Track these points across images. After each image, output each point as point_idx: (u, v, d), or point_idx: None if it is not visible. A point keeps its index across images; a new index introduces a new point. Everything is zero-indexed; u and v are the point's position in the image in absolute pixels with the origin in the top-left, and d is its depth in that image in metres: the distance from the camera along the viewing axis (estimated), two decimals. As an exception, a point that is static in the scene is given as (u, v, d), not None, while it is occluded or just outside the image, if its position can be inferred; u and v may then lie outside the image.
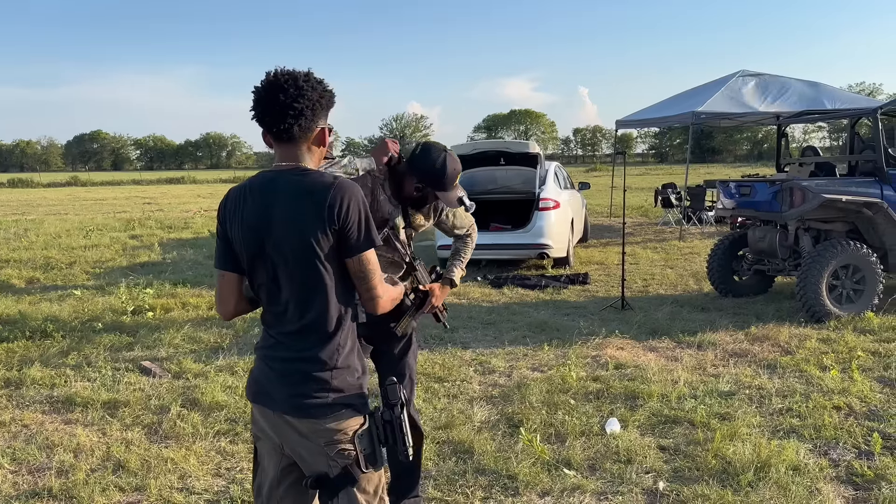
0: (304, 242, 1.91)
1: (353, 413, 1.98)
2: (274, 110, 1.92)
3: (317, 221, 1.89)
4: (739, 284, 8.03)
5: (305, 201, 1.91)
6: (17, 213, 23.46)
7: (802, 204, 6.73)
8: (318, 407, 1.94)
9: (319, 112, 1.97)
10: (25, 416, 4.64)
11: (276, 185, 1.96)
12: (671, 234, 13.92)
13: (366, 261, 1.95)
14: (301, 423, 1.96)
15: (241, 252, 2.01)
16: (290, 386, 1.96)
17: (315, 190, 1.91)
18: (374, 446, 1.98)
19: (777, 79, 14.32)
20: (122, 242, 13.93)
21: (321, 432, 1.95)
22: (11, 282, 9.62)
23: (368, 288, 1.98)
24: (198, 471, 3.81)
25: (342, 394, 1.95)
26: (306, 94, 1.91)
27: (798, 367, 5.32)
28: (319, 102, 1.95)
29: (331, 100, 2.01)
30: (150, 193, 36.72)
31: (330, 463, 1.97)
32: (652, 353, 5.86)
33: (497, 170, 10.44)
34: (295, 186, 1.93)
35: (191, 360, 5.79)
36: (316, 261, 1.92)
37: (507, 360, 5.69)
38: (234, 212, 2.02)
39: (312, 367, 1.95)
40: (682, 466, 3.74)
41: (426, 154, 2.91)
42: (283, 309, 1.98)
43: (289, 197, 1.93)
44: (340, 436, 1.96)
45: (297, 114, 1.91)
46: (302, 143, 1.98)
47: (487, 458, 3.82)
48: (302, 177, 1.95)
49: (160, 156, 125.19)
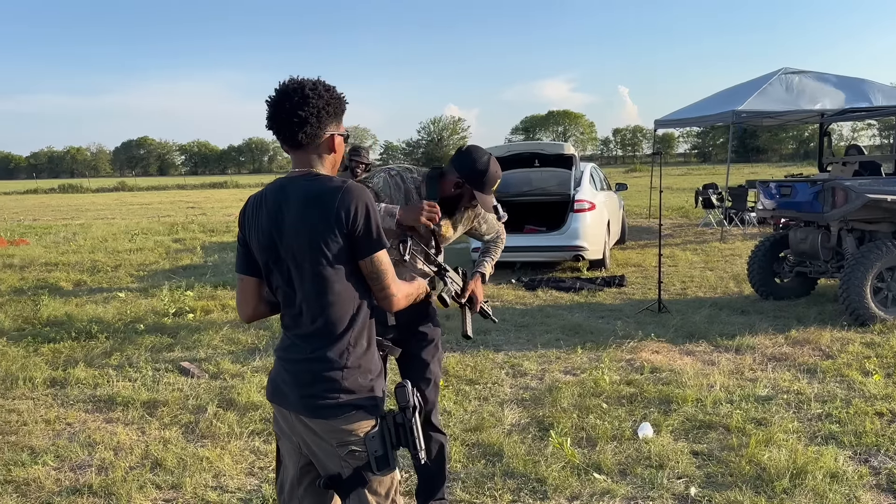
0: (314, 246, 1.95)
1: (365, 414, 1.99)
2: (281, 118, 1.98)
3: (326, 225, 1.93)
4: (781, 287, 7.86)
5: (315, 206, 1.95)
6: (66, 218, 24.19)
7: (845, 204, 6.56)
8: (329, 407, 1.97)
9: (326, 119, 2.00)
10: (69, 415, 4.79)
11: (287, 191, 2.02)
12: (712, 236, 13.69)
13: (377, 262, 1.98)
14: (314, 423, 2.00)
15: (259, 257, 2.07)
16: (303, 386, 2.00)
17: (324, 194, 1.95)
18: (385, 449, 1.99)
19: (821, 76, 14.00)
20: (165, 246, 14.26)
21: (333, 433, 1.98)
22: (60, 284, 9.92)
23: (381, 287, 2.01)
24: (232, 470, 3.88)
25: (353, 394, 1.98)
26: (311, 101, 1.95)
27: (839, 372, 5.19)
28: (326, 110, 1.98)
29: (339, 107, 2.04)
30: (194, 198, 37.50)
31: (342, 463, 2.00)
32: (688, 356, 5.77)
33: (532, 171, 10.40)
34: (304, 192, 1.98)
35: (228, 360, 5.91)
36: (326, 264, 1.95)
37: (539, 362, 5.66)
38: (251, 218, 2.08)
39: (323, 367, 1.98)
40: (716, 472, 3.68)
41: (471, 152, 2.95)
42: (297, 311, 2.03)
43: (299, 202, 1.97)
44: (351, 437, 1.98)
45: (301, 121, 1.96)
46: (311, 149, 2.03)
47: (517, 461, 3.82)
48: (311, 182, 2.00)
49: (204, 161, 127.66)
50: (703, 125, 17.59)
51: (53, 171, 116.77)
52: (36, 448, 4.24)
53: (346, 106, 2.07)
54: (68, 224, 21.03)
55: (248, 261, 2.11)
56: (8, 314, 7.88)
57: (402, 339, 2.88)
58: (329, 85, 2.03)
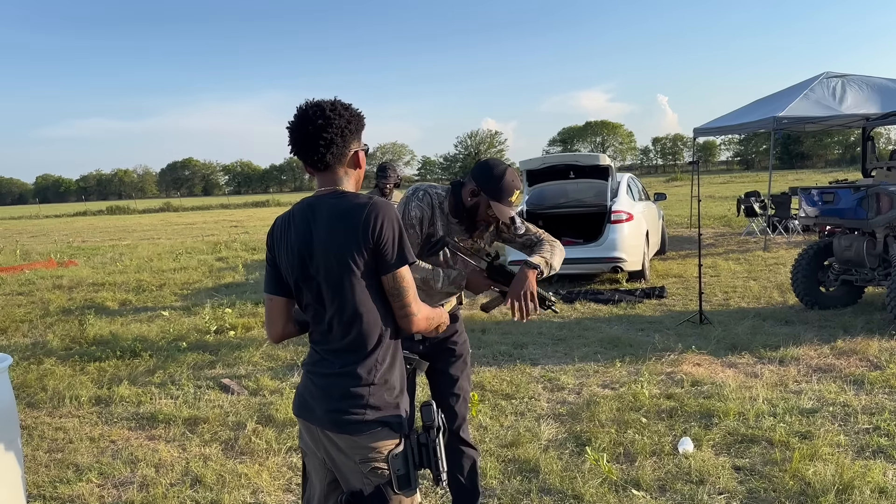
0: (342, 262, 1.97)
1: (390, 432, 2.00)
2: (306, 142, 2.01)
3: (353, 241, 1.96)
4: (826, 296, 7.65)
5: (342, 223, 1.98)
6: (114, 239, 24.83)
7: (890, 210, 6.38)
8: (354, 423, 1.98)
9: (350, 137, 2.04)
10: (113, 433, 4.90)
11: (315, 209, 2.05)
12: (755, 245, 13.41)
13: (399, 278, 2.00)
14: (339, 438, 2.01)
15: (289, 276, 2.09)
16: (329, 401, 2.01)
17: (351, 211, 1.98)
18: (408, 468, 1.98)
19: (865, 79, 13.66)
20: (208, 265, 14.53)
21: (357, 449, 1.99)
22: (106, 304, 10.18)
23: (402, 305, 2.02)
24: (269, 486, 3.92)
25: (379, 411, 1.99)
26: (334, 122, 1.99)
27: (888, 383, 5.02)
28: (348, 128, 2.02)
29: (360, 123, 2.08)
30: (237, 217, 38.18)
31: (364, 480, 2.00)
32: (730, 369, 5.65)
33: (568, 183, 10.35)
34: (332, 209, 2.02)
35: (268, 377, 5.98)
36: (354, 280, 1.98)
37: (576, 376, 5.61)
38: (280, 238, 2.11)
39: (350, 383, 1.99)
40: (758, 488, 3.58)
41: (488, 163, 2.94)
42: (327, 328, 2.05)
43: (327, 220, 2.01)
44: (375, 454, 1.98)
45: (327, 143, 2.00)
46: (338, 168, 2.07)
47: (553, 477, 3.78)
48: (338, 200, 2.03)
49: (247, 180, 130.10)
50: (743, 132, 17.28)
51: (102, 194, 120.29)
52: (80, 465, 4.34)
53: (364, 122, 2.10)
54: (115, 245, 21.59)
55: (277, 281, 2.14)
56: (56, 334, 8.10)
57: (429, 354, 2.88)
58: (346, 104, 2.07)
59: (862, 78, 13.79)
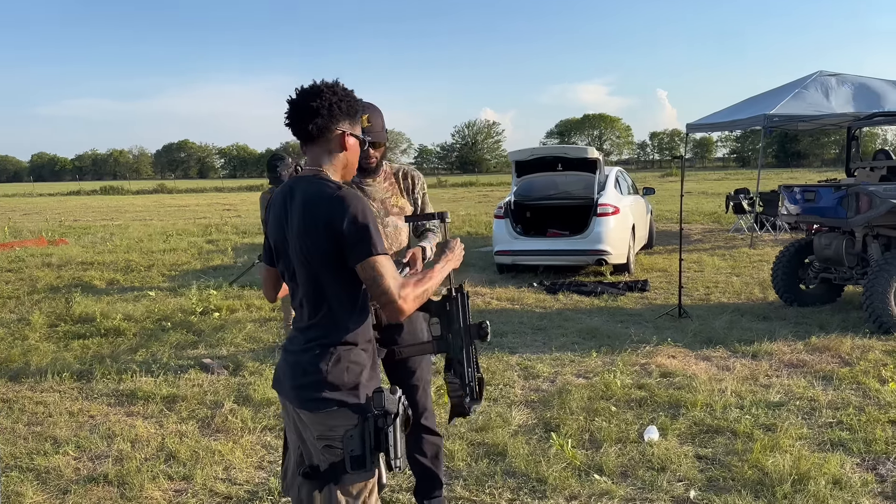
0: (311, 250, 2.05)
1: (347, 412, 2.03)
2: (295, 110, 2.09)
3: (321, 231, 2.02)
4: (805, 293, 7.75)
5: (310, 212, 2.04)
6: (106, 219, 24.82)
7: (869, 210, 6.46)
8: (312, 400, 2.04)
9: (338, 115, 2.09)
10: (92, 408, 4.97)
11: (294, 192, 2.13)
12: (742, 242, 13.50)
13: (369, 267, 1.99)
14: (302, 413, 2.09)
15: (273, 250, 2.24)
16: (294, 377, 2.10)
17: (319, 200, 2.04)
18: (364, 449, 2.01)
19: (857, 79, 13.70)
20: (198, 247, 14.57)
21: (315, 425, 2.06)
22: (94, 283, 10.23)
23: (379, 294, 1.99)
24: (242, 463, 4.00)
25: (337, 391, 2.04)
26: (324, 95, 2.07)
27: (856, 380, 5.12)
28: (338, 105, 2.08)
29: (352, 105, 2.13)
30: (231, 200, 38.15)
31: (321, 456, 2.06)
32: (704, 362, 5.74)
33: (556, 175, 10.41)
34: (304, 196, 2.08)
35: (249, 358, 6.05)
36: (322, 266, 2.05)
37: (552, 365, 5.69)
38: (271, 214, 2.23)
39: (312, 361, 2.06)
40: (717, 476, 3.68)
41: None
42: (299, 304, 2.15)
43: (299, 206, 2.08)
44: (331, 432, 2.03)
45: (312, 112, 2.06)
46: (322, 144, 2.12)
47: (519, 460, 3.86)
48: (312, 185, 2.09)
49: (243, 164, 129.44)
50: (735, 129, 17.31)
51: (97, 174, 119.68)
52: (58, 438, 4.42)
53: (359, 107, 2.16)
54: (107, 225, 21.59)
55: (269, 252, 2.31)
56: (43, 311, 8.15)
57: (388, 341, 2.89)
58: (346, 87, 2.13)
59: (855, 77, 13.84)
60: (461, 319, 2.26)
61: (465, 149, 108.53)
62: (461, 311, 2.26)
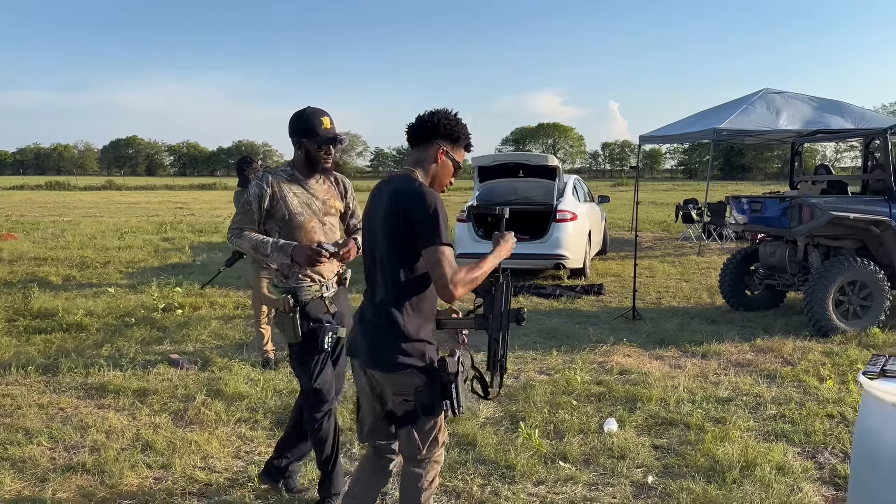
0: (386, 235, 2.48)
1: (416, 373, 2.47)
2: (415, 119, 2.60)
3: (401, 217, 2.42)
4: (751, 299, 8.17)
5: (397, 200, 2.44)
6: (54, 215, 24.21)
7: (811, 220, 6.88)
8: (388, 364, 2.49)
9: (435, 132, 2.55)
10: (62, 401, 4.99)
11: (383, 188, 2.58)
12: (691, 250, 14.04)
13: (432, 253, 2.37)
14: (378, 374, 2.54)
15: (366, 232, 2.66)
16: (370, 345, 2.54)
17: (402, 192, 2.45)
18: (431, 400, 2.48)
19: (800, 97, 14.36)
20: (154, 244, 14.42)
21: (391, 384, 2.53)
22: (49, 279, 10.08)
23: (437, 277, 2.38)
24: (219, 452, 4.11)
25: (410, 357, 2.47)
26: (438, 115, 2.55)
27: (797, 378, 5.49)
28: (444, 126, 2.54)
29: (454, 131, 2.56)
30: (183, 198, 37.55)
31: (396, 407, 2.55)
32: (657, 361, 6.05)
33: (517, 182, 10.69)
34: (395, 188, 2.50)
35: (216, 354, 6.12)
36: (393, 251, 2.47)
37: (515, 363, 5.92)
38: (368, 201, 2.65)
39: (387, 330, 2.49)
40: (673, 463, 3.95)
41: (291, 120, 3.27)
42: (374, 282, 2.58)
43: (389, 195, 2.49)
44: (405, 388, 2.50)
45: (422, 123, 2.56)
46: (421, 152, 2.58)
47: (489, 449, 4.07)
48: (402, 181, 2.51)
49: (193, 162, 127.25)
50: (685, 142, 17.95)
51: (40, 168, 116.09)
52: (30, 429, 4.44)
53: (461, 134, 2.58)
54: (56, 221, 21.09)
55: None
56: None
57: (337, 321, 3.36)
58: (459, 118, 2.59)
59: (798, 95, 14.50)
60: (503, 303, 2.58)
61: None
62: (504, 296, 2.58)
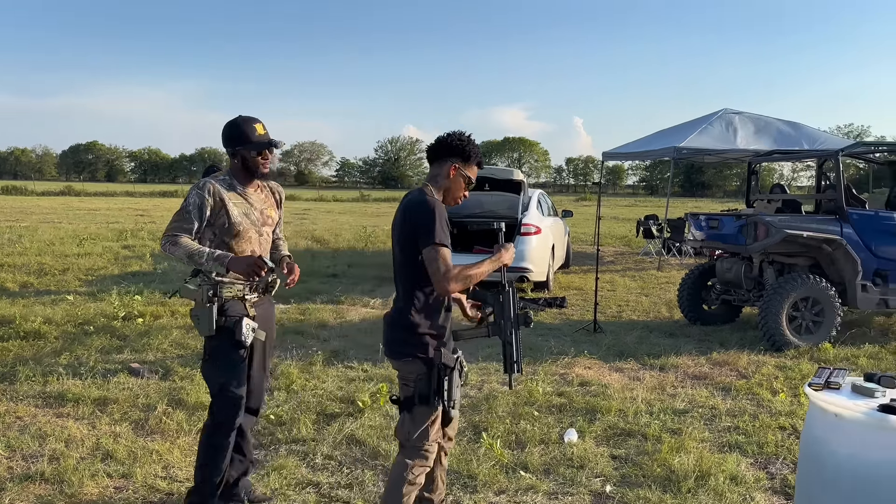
0: (398, 242, 2.85)
1: (418, 362, 2.80)
2: (435, 139, 2.95)
3: (409, 224, 2.79)
4: (708, 313, 8.38)
5: (409, 210, 2.82)
6: (10, 220, 23.62)
7: (766, 238, 7.11)
8: (396, 353, 2.87)
9: (449, 150, 2.89)
10: (19, 409, 4.91)
11: (402, 201, 2.92)
12: (651, 264, 14.31)
13: (430, 251, 2.70)
14: (392, 361, 2.94)
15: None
16: (385, 335, 2.94)
17: (416, 204, 2.82)
18: (429, 390, 2.78)
19: (758, 118, 14.81)
20: (114, 252, 14.19)
21: (398, 370, 2.90)
22: (6, 285, 9.87)
23: (434, 272, 2.70)
24: (181, 462, 4.09)
25: (414, 348, 2.80)
26: (453, 136, 2.91)
27: (751, 391, 5.66)
28: (457, 146, 2.89)
29: (466, 151, 2.89)
30: (143, 206, 36.93)
31: (399, 392, 2.90)
32: (617, 373, 6.18)
33: (483, 195, 10.80)
34: (408, 200, 2.88)
35: (178, 363, 6.07)
36: (404, 256, 2.83)
37: (479, 374, 5.99)
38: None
39: (397, 324, 2.85)
40: (630, 473, 4.05)
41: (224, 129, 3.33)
42: (396, 285, 2.94)
43: (404, 207, 2.87)
44: (408, 374, 2.84)
45: (439, 142, 2.93)
46: (436, 168, 2.93)
47: (450, 459, 4.10)
48: (415, 193, 2.88)
49: (154, 169, 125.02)
50: (647, 159, 18.33)
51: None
52: (-14, 438, 4.36)
53: (472, 153, 2.90)
54: (13, 226, 20.59)
55: None
56: (-47, 312, 7.85)
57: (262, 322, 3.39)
58: (472, 139, 2.93)
59: (756, 116, 14.95)
60: (511, 309, 2.88)
61: (387, 164, 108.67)
62: (511, 302, 2.88)
